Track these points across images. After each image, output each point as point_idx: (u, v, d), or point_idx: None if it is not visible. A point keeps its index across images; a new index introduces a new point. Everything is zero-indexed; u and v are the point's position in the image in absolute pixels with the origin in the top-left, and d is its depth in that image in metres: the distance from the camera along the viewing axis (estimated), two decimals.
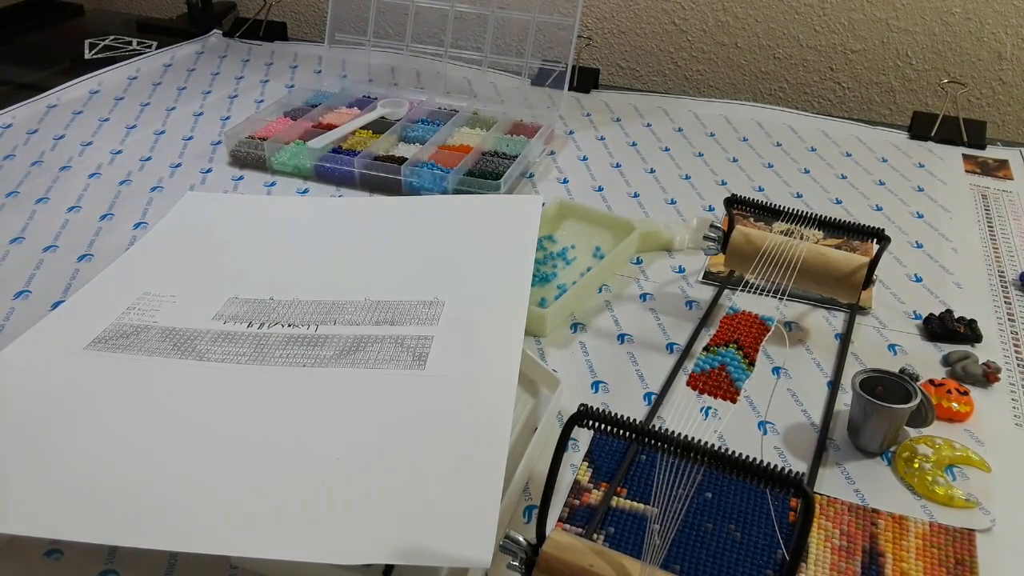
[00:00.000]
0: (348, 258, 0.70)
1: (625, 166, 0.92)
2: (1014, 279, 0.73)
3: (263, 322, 0.61)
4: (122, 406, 0.53)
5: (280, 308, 0.63)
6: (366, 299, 0.63)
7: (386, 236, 0.73)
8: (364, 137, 0.93)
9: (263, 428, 0.51)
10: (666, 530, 0.43)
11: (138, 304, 0.65)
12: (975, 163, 0.94)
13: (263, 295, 0.65)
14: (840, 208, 0.84)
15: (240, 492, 0.46)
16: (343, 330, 0.60)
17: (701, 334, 0.65)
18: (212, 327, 0.61)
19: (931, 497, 0.51)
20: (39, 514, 0.44)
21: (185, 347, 0.59)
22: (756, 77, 1.26)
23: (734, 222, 0.68)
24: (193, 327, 0.61)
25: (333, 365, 0.56)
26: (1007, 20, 1.11)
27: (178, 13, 1.44)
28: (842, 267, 0.63)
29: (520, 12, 1.03)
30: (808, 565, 0.47)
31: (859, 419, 0.54)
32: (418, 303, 0.62)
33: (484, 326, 0.59)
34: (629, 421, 0.41)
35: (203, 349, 0.59)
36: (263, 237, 0.75)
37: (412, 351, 0.57)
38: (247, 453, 0.49)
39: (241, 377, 0.56)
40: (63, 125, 0.98)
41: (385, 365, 0.56)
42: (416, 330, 0.59)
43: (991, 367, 0.61)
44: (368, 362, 0.56)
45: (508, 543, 0.42)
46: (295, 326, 0.60)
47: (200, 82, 1.11)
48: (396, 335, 0.58)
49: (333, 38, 1.09)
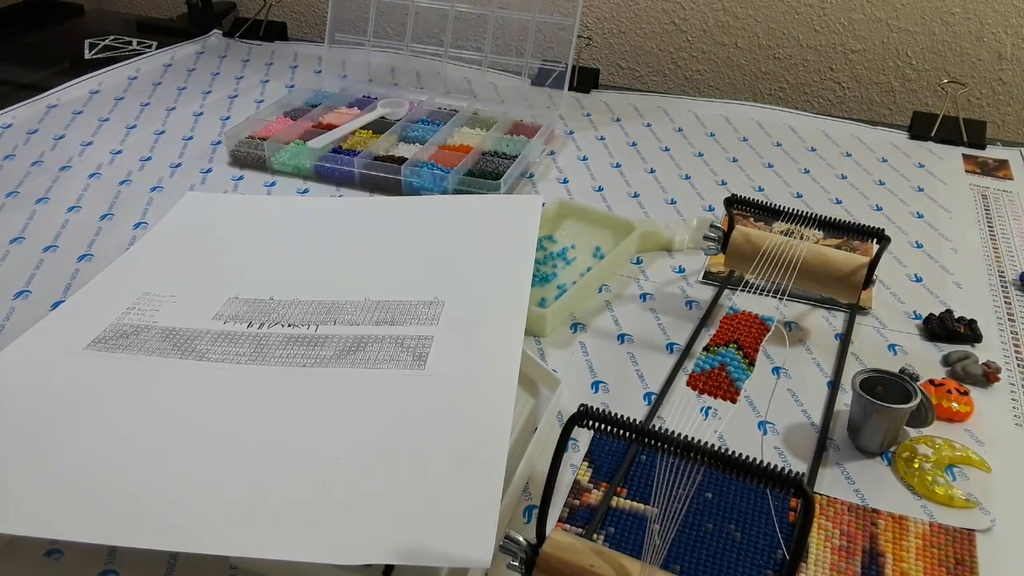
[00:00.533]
0: (348, 258, 0.70)
1: (625, 166, 0.92)
2: (1014, 279, 0.73)
3: (263, 322, 0.61)
4: (122, 406, 0.53)
5: (280, 308, 0.63)
6: (366, 299, 0.63)
7: (386, 236, 0.73)
8: (364, 137, 0.93)
9: (263, 428, 0.51)
10: (666, 530, 0.43)
11: (138, 304, 0.65)
12: (975, 163, 0.94)
13: (263, 295, 0.65)
14: (840, 208, 0.84)
15: (240, 492, 0.46)
16: (343, 330, 0.60)
17: (701, 334, 0.65)
18: (212, 327, 0.61)
19: (931, 497, 0.51)
20: (39, 514, 0.44)
21: (185, 347, 0.59)
22: (756, 77, 1.26)
23: (734, 222, 0.68)
24: (193, 327, 0.61)
25: (333, 365, 0.56)
26: (1007, 20, 1.11)
27: (178, 13, 1.44)
28: (842, 267, 0.63)
29: (520, 12, 1.03)
30: (808, 565, 0.47)
31: (859, 419, 0.54)
32: (418, 303, 0.62)
33: (484, 326, 0.59)
34: (629, 421, 0.41)
35: (203, 349, 0.59)
36: (263, 237, 0.75)
37: (412, 351, 0.57)
38: (247, 453, 0.49)
39: (241, 377, 0.56)
40: (63, 125, 0.98)
41: (385, 365, 0.56)
42: (416, 330, 0.59)
43: (991, 367, 0.61)
44: (368, 362, 0.56)
45: (508, 543, 0.42)
46: (295, 326, 0.61)
47: (200, 82, 1.11)
48: (396, 335, 0.59)
49: (333, 38, 1.09)
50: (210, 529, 0.44)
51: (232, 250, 0.73)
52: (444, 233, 0.72)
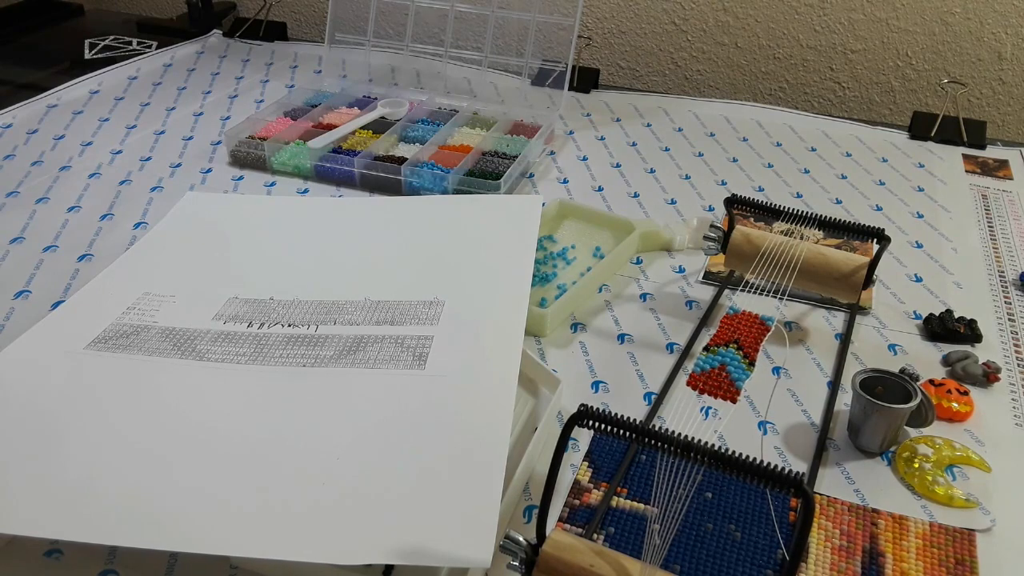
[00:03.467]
0: (348, 258, 0.70)
1: (625, 166, 0.92)
2: (1014, 279, 0.73)
3: (263, 322, 0.61)
4: (122, 406, 0.53)
5: (280, 308, 0.63)
6: (366, 299, 0.63)
7: (386, 236, 0.73)
8: (364, 137, 0.93)
9: (263, 428, 0.51)
10: (666, 530, 0.43)
11: (138, 304, 0.65)
12: (975, 163, 0.94)
13: (263, 295, 0.65)
14: (840, 208, 0.84)
15: (240, 492, 0.46)
16: (343, 330, 0.60)
17: (701, 334, 0.65)
18: (212, 327, 0.61)
19: (931, 497, 0.51)
20: (39, 514, 0.44)
21: (185, 347, 0.59)
22: (756, 77, 1.26)
23: (734, 222, 0.68)
24: (193, 327, 0.61)
25: (333, 365, 0.56)
26: (1007, 20, 1.11)
27: (178, 13, 1.44)
28: (842, 267, 0.63)
29: (520, 12, 1.03)
30: (808, 565, 0.47)
31: (859, 419, 0.54)
32: (418, 303, 0.62)
33: (484, 326, 0.59)
34: (629, 421, 0.41)
35: (203, 349, 0.59)
36: (263, 237, 0.75)
37: (412, 351, 0.57)
38: (247, 453, 0.49)
39: (241, 377, 0.56)
40: (63, 125, 0.98)
41: (385, 365, 0.56)
42: (416, 330, 0.59)
43: (991, 367, 0.61)
44: (368, 362, 0.56)
45: (508, 543, 0.42)
46: (295, 326, 0.61)
47: (200, 82, 1.11)
48: (396, 335, 0.59)
49: (333, 38, 1.09)
50: (209, 529, 0.44)
51: (232, 250, 0.73)
52: (444, 233, 0.72)
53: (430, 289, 0.64)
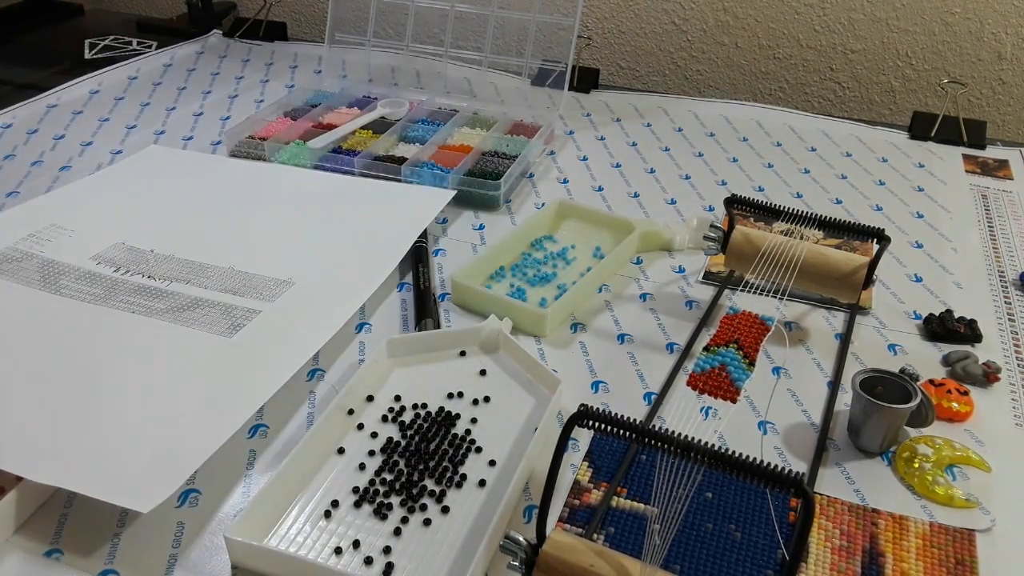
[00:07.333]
0: (237, 226, 0.75)
1: (625, 166, 0.92)
2: (1014, 279, 0.73)
3: (129, 270, 0.67)
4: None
5: (152, 260, 0.68)
6: (231, 267, 0.68)
7: (283, 210, 0.78)
8: (364, 137, 0.93)
9: (67, 360, 0.57)
10: (666, 530, 0.43)
11: (40, 232, 0.72)
12: (975, 163, 0.94)
13: (146, 246, 0.71)
14: (840, 208, 0.84)
15: (28, 417, 0.51)
16: (189, 290, 0.65)
17: (701, 334, 0.65)
18: (84, 266, 0.67)
19: (931, 497, 0.51)
20: None
21: (49, 280, 0.65)
22: (756, 77, 1.26)
23: (734, 222, 0.68)
24: (68, 263, 0.68)
25: (158, 317, 0.62)
26: (1007, 20, 1.11)
27: (178, 13, 1.44)
28: (842, 267, 0.63)
29: (520, 12, 1.03)
30: (808, 565, 0.47)
31: (859, 419, 0.54)
32: (270, 279, 0.67)
33: (310, 311, 0.63)
34: (629, 421, 0.41)
35: (63, 284, 0.64)
36: (184, 193, 0.80)
37: (232, 320, 0.62)
38: (45, 381, 0.55)
39: (77, 313, 0.62)
40: (63, 125, 0.98)
41: (199, 327, 0.61)
42: (251, 303, 0.64)
43: (991, 367, 0.61)
44: (188, 321, 0.62)
45: (508, 543, 0.42)
46: (153, 279, 0.66)
47: (200, 82, 1.11)
48: (229, 303, 0.63)
49: (333, 38, 1.09)
50: (6, 448, 0.48)
51: (146, 201, 0.78)
52: (339, 214, 0.77)
53: (288, 268, 0.68)
